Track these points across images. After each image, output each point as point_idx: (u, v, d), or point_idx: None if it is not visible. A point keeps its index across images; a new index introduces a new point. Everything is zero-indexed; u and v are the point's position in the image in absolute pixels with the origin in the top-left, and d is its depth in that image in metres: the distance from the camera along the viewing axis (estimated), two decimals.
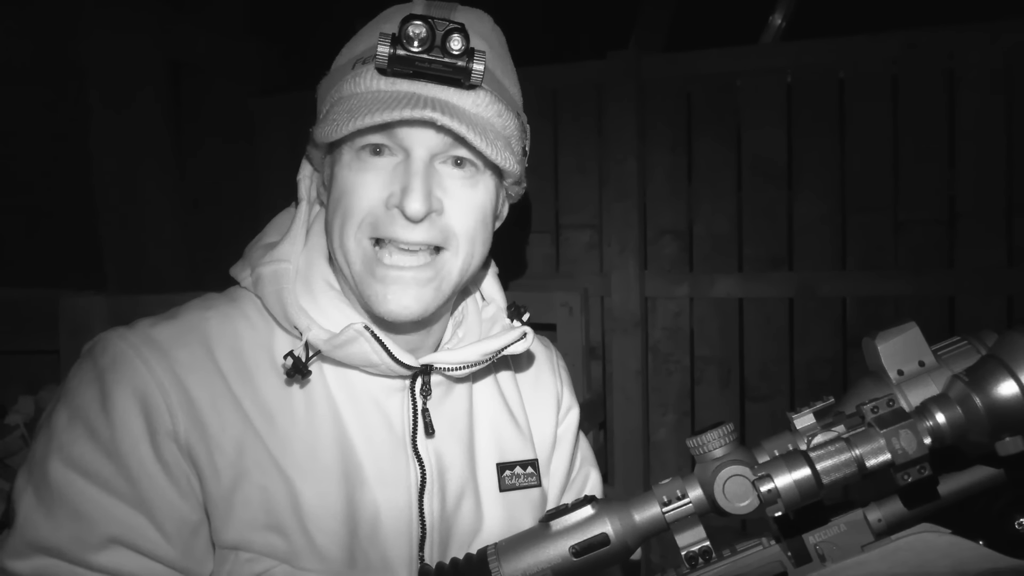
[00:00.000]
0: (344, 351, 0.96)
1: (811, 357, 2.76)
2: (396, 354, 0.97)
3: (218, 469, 0.90)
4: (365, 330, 0.95)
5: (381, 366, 0.97)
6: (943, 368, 0.73)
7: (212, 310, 1.00)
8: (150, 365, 0.90)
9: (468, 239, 0.98)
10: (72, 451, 0.87)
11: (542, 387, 1.21)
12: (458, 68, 0.90)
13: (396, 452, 1.00)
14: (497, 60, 1.01)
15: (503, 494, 1.09)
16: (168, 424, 0.89)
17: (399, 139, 0.93)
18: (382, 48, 0.88)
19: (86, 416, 0.88)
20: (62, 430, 0.88)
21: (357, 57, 0.98)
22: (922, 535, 0.69)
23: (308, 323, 0.96)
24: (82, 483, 0.86)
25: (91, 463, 0.87)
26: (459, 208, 0.96)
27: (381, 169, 0.95)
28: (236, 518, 0.90)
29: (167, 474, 0.88)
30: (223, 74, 3.21)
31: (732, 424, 0.73)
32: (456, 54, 0.89)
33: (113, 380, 0.89)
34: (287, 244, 1.03)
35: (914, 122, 2.64)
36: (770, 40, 3.99)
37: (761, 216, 2.81)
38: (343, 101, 0.95)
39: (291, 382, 0.97)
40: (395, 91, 0.92)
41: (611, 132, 2.89)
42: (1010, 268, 2.54)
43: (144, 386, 0.89)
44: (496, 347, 1.04)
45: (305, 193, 1.09)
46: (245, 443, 0.92)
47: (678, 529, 0.72)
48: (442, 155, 0.96)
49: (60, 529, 0.85)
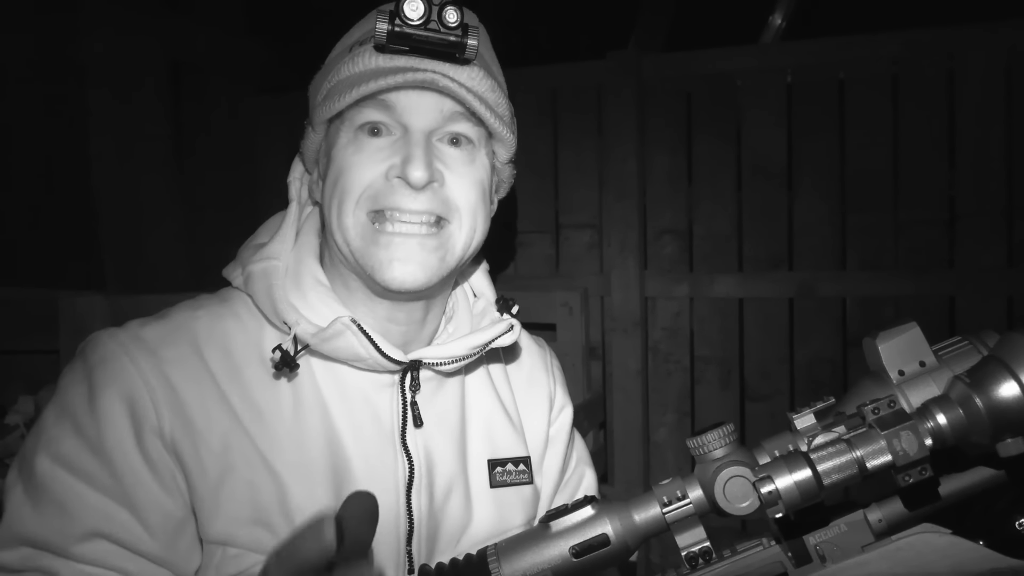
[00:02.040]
0: (331, 344, 0.96)
1: (811, 357, 2.76)
2: (384, 348, 0.97)
3: (204, 464, 0.91)
4: (352, 323, 0.95)
5: (369, 360, 0.98)
6: (944, 369, 0.73)
7: (202, 310, 1.01)
8: (138, 363, 0.91)
9: (470, 212, 0.99)
10: (59, 447, 0.89)
11: (535, 386, 1.21)
12: (453, 43, 0.93)
13: (384, 447, 1.01)
14: (485, 48, 1.05)
15: (494, 490, 1.09)
16: (154, 420, 0.90)
17: (398, 114, 0.95)
18: (380, 25, 0.91)
19: (73, 413, 0.90)
20: (50, 426, 0.91)
21: (353, 42, 1.01)
22: (922, 535, 0.69)
23: (296, 317, 0.97)
24: (67, 477, 0.88)
25: (76, 458, 0.89)
26: (460, 181, 0.98)
27: (379, 148, 0.96)
28: (223, 513, 0.91)
29: (151, 470, 0.90)
30: (223, 73, 3.21)
31: (732, 424, 0.72)
32: (452, 26, 0.92)
33: (100, 377, 0.91)
34: (276, 243, 1.05)
35: (914, 122, 2.64)
36: (770, 40, 3.99)
37: (761, 216, 2.81)
38: (341, 82, 0.97)
39: (279, 376, 0.98)
40: (393, 65, 0.95)
41: (611, 132, 2.89)
42: (1010, 268, 2.54)
43: (131, 383, 0.91)
44: (483, 340, 1.04)
45: (295, 194, 1.11)
46: (232, 439, 0.93)
47: (678, 530, 0.72)
48: (439, 132, 0.98)
49: (45, 522, 0.87)
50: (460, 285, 1.17)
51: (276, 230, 1.07)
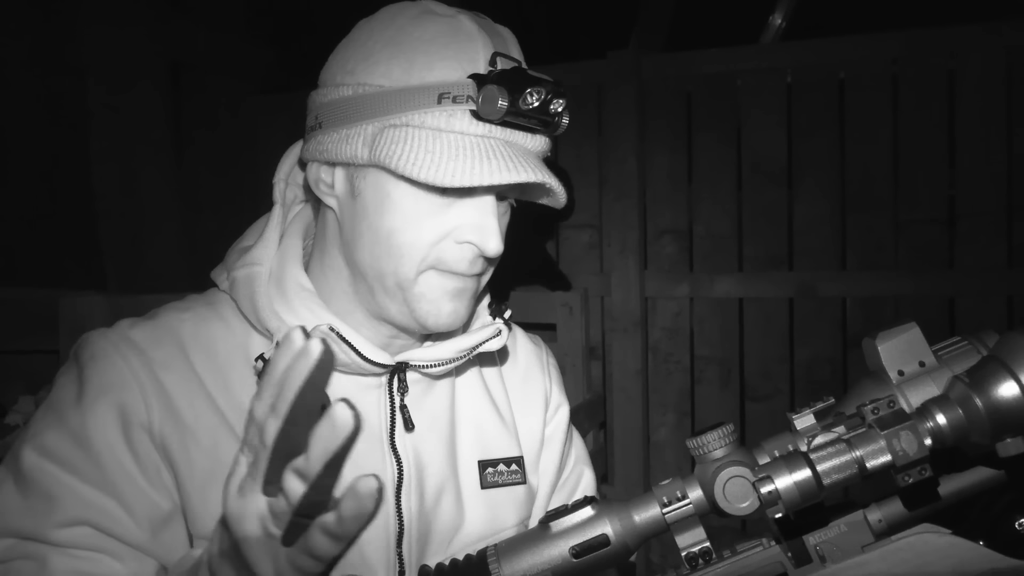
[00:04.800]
0: None
1: (811, 357, 2.76)
2: (367, 353, 0.97)
3: (193, 462, 0.92)
4: (331, 331, 0.95)
5: (352, 365, 0.97)
6: (944, 369, 0.72)
7: (189, 312, 1.01)
8: (129, 361, 0.92)
9: (497, 260, 1.01)
10: (44, 439, 0.90)
11: (530, 384, 1.21)
12: (548, 123, 0.96)
13: (372, 449, 1.01)
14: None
15: (485, 491, 1.09)
16: (143, 416, 0.91)
17: None
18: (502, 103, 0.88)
19: (60, 407, 0.92)
20: (40, 419, 0.93)
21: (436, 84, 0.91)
22: (922, 535, 0.68)
23: (279, 324, 0.96)
24: (52, 468, 0.89)
25: (60, 449, 0.89)
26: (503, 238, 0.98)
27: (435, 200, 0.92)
28: (210, 510, 0.91)
29: (137, 463, 0.90)
30: (223, 73, 3.21)
31: (732, 425, 0.72)
32: (555, 113, 0.95)
33: (90, 373, 0.92)
34: (260, 248, 1.04)
35: (914, 122, 2.64)
36: (770, 40, 3.99)
37: (761, 216, 2.81)
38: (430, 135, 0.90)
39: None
40: (488, 136, 0.91)
41: (611, 132, 2.89)
42: (1010, 268, 2.54)
43: (120, 379, 0.92)
44: (470, 344, 1.04)
45: (279, 196, 1.10)
46: (219, 438, 0.93)
47: (678, 530, 0.72)
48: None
49: (32, 511, 0.88)
50: None
51: (260, 233, 1.07)
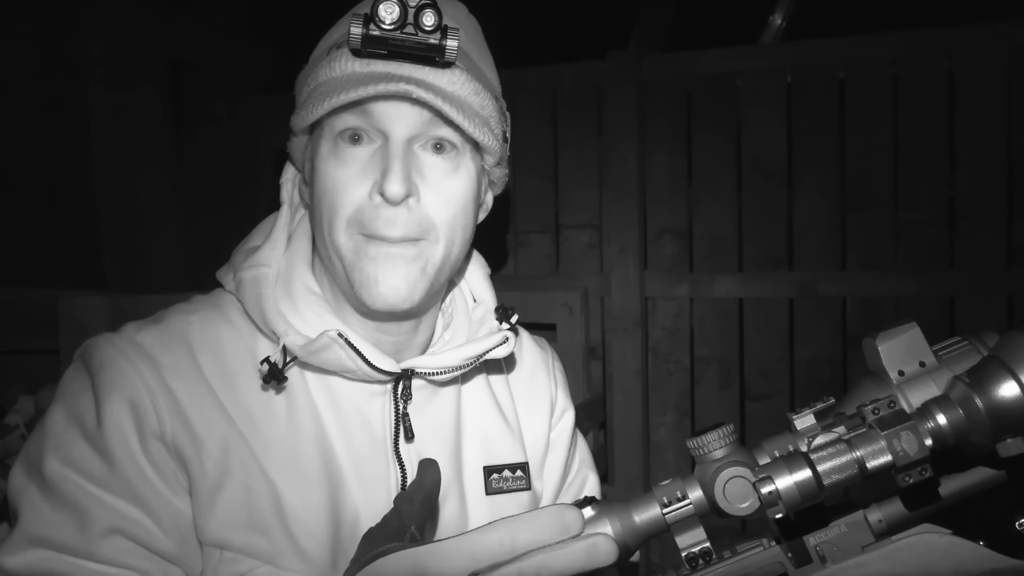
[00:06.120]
0: (320, 357, 0.96)
1: (811, 357, 2.76)
2: (373, 360, 0.97)
3: (204, 467, 0.91)
4: (339, 337, 0.94)
5: (358, 372, 0.97)
6: (944, 369, 0.72)
7: (195, 315, 1.00)
8: (137, 368, 0.91)
9: (447, 227, 0.98)
10: (69, 451, 0.89)
11: (536, 389, 1.20)
12: (431, 45, 0.90)
13: (376, 456, 1.00)
14: (472, 44, 1.02)
15: (490, 497, 1.08)
16: (155, 425, 0.90)
17: (376, 120, 0.94)
18: (355, 29, 0.89)
19: (80, 417, 0.91)
20: (60, 430, 0.91)
21: (332, 44, 0.98)
22: (923, 536, 0.68)
23: (286, 328, 0.96)
24: (78, 479, 0.88)
25: (86, 462, 0.89)
26: (438, 198, 0.96)
27: (359, 160, 0.95)
28: (219, 516, 0.91)
29: (157, 472, 0.90)
30: (223, 73, 3.21)
31: (732, 425, 0.72)
32: (429, 30, 0.90)
33: (103, 383, 0.91)
34: (267, 249, 1.04)
35: (914, 122, 2.64)
36: (770, 40, 3.98)
37: (761, 216, 2.81)
38: (319, 87, 0.95)
39: (268, 388, 0.97)
40: (370, 71, 0.92)
41: (611, 132, 2.89)
42: (1010, 268, 2.54)
43: (132, 389, 0.90)
44: (477, 352, 1.03)
45: (287, 197, 1.10)
46: (229, 443, 0.93)
47: (678, 530, 0.71)
48: (421, 138, 0.95)
49: (64, 522, 0.87)
50: (458, 286, 1.16)
51: (268, 233, 1.06)
